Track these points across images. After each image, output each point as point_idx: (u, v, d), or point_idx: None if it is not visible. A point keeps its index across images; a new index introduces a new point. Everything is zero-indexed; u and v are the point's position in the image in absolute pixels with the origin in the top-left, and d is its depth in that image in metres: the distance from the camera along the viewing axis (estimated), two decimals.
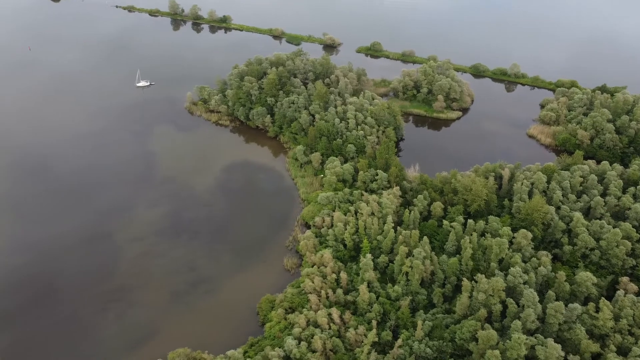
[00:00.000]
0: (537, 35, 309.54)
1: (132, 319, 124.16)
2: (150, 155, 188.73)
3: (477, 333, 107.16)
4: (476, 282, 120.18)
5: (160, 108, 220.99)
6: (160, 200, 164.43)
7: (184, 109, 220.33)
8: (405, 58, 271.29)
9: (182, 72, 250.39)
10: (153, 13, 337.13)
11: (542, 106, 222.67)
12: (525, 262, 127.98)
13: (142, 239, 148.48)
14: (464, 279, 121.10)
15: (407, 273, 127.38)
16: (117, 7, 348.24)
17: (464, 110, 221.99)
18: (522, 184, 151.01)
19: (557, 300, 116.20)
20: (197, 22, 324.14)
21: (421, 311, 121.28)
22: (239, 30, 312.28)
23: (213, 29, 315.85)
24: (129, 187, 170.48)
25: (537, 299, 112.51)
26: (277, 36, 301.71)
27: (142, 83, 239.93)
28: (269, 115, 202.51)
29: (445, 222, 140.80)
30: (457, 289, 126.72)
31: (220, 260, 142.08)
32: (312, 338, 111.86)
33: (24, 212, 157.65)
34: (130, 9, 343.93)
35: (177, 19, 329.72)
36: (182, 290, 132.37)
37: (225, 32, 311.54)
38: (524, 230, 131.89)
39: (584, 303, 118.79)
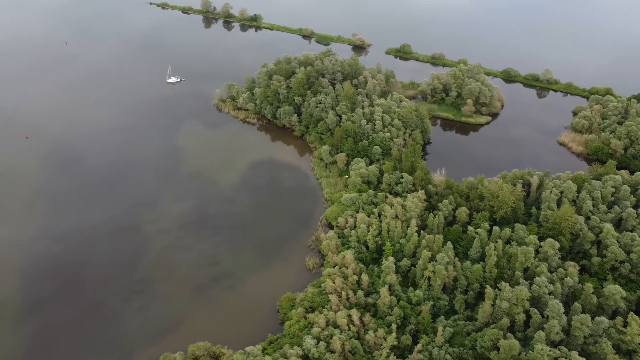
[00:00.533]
0: (572, 40, 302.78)
1: (155, 310, 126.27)
2: (178, 150, 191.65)
3: (499, 342, 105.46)
4: (500, 290, 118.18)
5: (189, 104, 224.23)
6: (186, 195, 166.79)
7: (213, 105, 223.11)
8: (435, 61, 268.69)
9: (212, 69, 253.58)
10: (186, 10, 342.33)
11: (575, 113, 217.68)
12: (551, 272, 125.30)
13: (168, 232, 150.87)
14: (487, 286, 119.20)
15: (429, 278, 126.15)
16: (151, 4, 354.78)
17: (494, 115, 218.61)
18: (551, 192, 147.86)
19: (583, 312, 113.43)
20: (228, 20, 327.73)
21: (442, 317, 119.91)
22: (269, 29, 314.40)
23: (244, 28, 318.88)
24: (157, 181, 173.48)
25: (563, 310, 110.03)
26: (307, 36, 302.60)
27: (173, 79, 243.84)
28: (295, 115, 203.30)
29: (470, 228, 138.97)
30: (480, 296, 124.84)
31: (243, 256, 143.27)
32: (331, 338, 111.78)
33: (56, 203, 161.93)
34: (164, 6, 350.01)
35: (208, 16, 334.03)
36: (204, 285, 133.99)
37: (256, 31, 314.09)
38: (551, 239, 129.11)
39: (612, 317, 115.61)
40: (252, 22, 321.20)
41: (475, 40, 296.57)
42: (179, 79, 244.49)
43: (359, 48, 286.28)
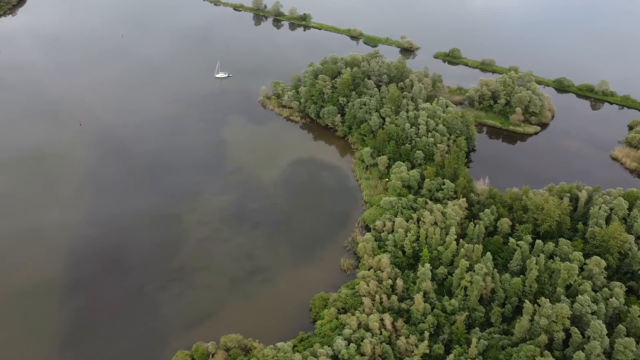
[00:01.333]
0: (632, 51, 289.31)
1: (190, 299, 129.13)
2: (222, 144, 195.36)
3: (535, 359, 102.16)
4: (539, 305, 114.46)
5: (235, 99, 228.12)
6: (227, 188, 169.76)
7: (258, 102, 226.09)
8: (485, 67, 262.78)
9: (259, 66, 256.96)
10: (237, 8, 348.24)
11: (631, 127, 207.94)
12: (595, 291, 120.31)
13: (207, 224, 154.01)
14: (526, 301, 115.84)
15: (465, 288, 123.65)
16: (204, 0, 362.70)
17: (543, 126, 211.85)
18: (599, 208, 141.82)
19: (627, 336, 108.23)
20: (277, 19, 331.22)
21: (477, 329, 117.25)
22: (318, 28, 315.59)
23: (293, 26, 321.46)
24: (200, 173, 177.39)
25: (605, 331, 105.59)
26: (355, 37, 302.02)
27: (221, 74, 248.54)
28: (339, 115, 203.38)
29: (511, 239, 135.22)
30: (518, 310, 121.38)
31: (279, 253, 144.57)
32: (362, 341, 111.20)
33: (104, 188, 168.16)
34: (216, 3, 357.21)
35: (259, 14, 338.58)
36: (239, 278, 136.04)
37: (304, 30, 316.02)
38: (598, 257, 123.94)
39: None
40: (301, 21, 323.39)
41: (528, 47, 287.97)
42: (226, 75, 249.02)
43: (407, 51, 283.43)
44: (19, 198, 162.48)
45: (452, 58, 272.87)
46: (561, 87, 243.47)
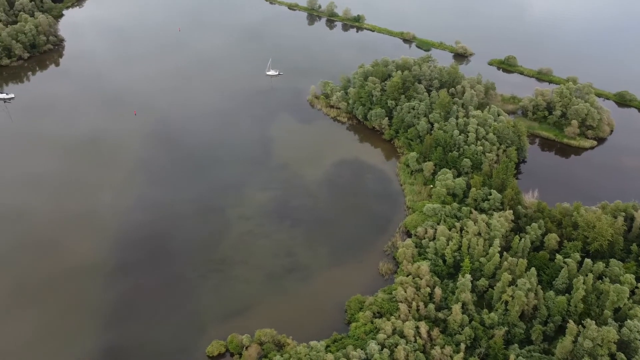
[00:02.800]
0: None
1: (229, 290, 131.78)
2: (268, 140, 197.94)
3: None
4: (584, 327, 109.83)
5: (284, 97, 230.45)
6: (271, 185, 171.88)
7: (306, 101, 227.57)
8: (541, 76, 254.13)
9: (310, 66, 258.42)
10: (292, 7, 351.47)
11: None
12: None
13: (249, 219, 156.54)
14: (571, 321, 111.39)
15: (506, 302, 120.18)
16: None
17: (600, 140, 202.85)
18: None
19: None
20: (331, 19, 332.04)
21: (516, 345, 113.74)
22: (371, 30, 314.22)
23: (346, 27, 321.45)
24: (245, 168, 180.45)
25: None
26: (408, 40, 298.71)
27: (272, 72, 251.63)
28: (387, 118, 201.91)
29: (558, 256, 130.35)
30: (561, 330, 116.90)
31: (318, 252, 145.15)
32: (395, 347, 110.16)
33: (154, 177, 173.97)
34: (272, 1, 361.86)
35: (313, 14, 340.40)
36: (277, 274, 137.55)
37: (357, 31, 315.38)
38: None
39: None
40: (354, 22, 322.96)
41: (588, 58, 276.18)
42: (277, 72, 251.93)
43: (461, 56, 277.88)
44: (75, 182, 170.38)
45: (507, 66, 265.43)
46: (622, 101, 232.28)
